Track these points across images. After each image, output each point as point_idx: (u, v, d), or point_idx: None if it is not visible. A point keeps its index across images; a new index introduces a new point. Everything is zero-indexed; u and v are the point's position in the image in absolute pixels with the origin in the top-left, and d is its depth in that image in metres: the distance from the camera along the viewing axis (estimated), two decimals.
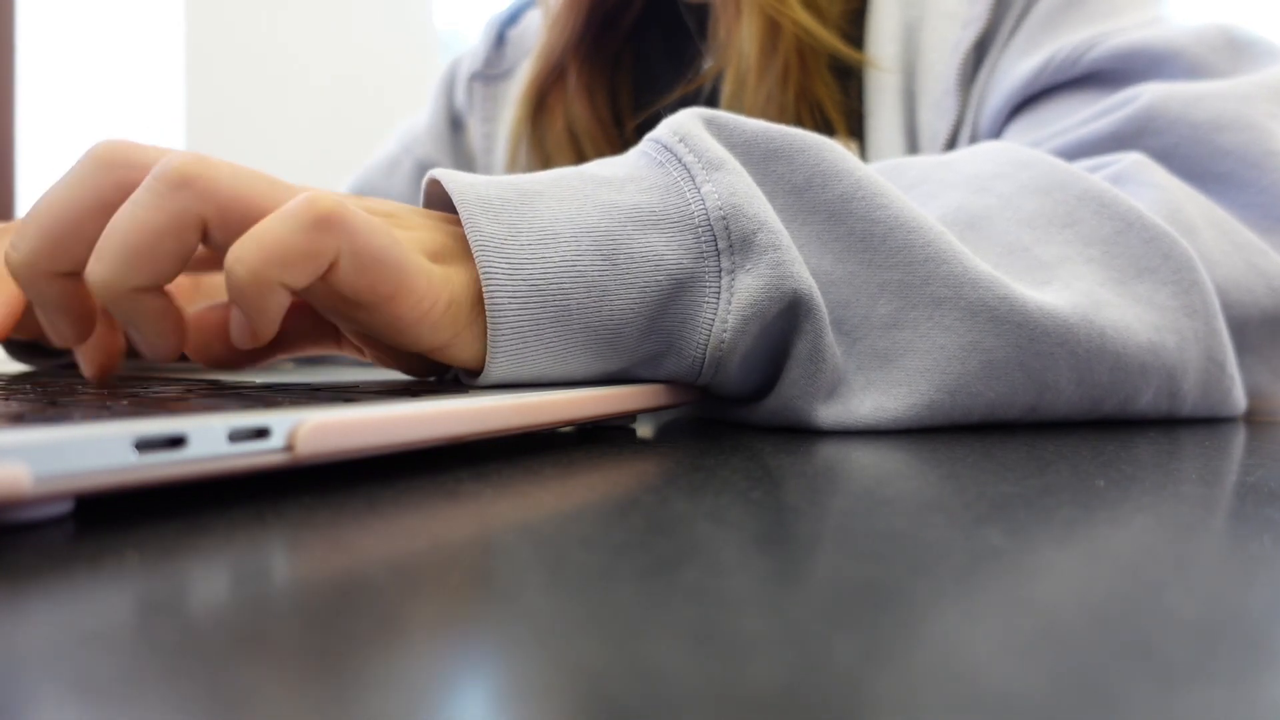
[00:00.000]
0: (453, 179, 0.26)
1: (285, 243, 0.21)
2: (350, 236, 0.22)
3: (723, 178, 0.27)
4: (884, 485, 0.19)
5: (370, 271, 0.22)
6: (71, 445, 0.13)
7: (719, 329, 0.27)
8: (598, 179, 0.27)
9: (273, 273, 0.21)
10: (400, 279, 0.23)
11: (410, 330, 0.24)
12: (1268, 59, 0.43)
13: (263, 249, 0.21)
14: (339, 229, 0.21)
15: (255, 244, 0.21)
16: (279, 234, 0.21)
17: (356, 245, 0.22)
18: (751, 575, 0.12)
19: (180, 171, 0.21)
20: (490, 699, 0.08)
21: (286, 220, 0.21)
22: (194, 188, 0.21)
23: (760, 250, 0.26)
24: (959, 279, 0.28)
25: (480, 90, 0.69)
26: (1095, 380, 0.31)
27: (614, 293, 0.26)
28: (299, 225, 0.21)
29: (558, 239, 0.25)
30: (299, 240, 0.21)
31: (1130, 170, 0.38)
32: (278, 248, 0.21)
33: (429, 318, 0.24)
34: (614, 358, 0.27)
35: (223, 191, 0.22)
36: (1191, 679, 0.09)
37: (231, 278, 0.21)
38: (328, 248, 0.21)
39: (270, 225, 0.21)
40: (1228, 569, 0.13)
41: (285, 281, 0.21)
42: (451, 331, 0.24)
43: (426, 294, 0.23)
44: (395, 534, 0.14)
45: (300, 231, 0.21)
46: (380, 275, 0.22)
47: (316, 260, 0.21)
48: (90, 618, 0.10)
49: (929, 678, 0.09)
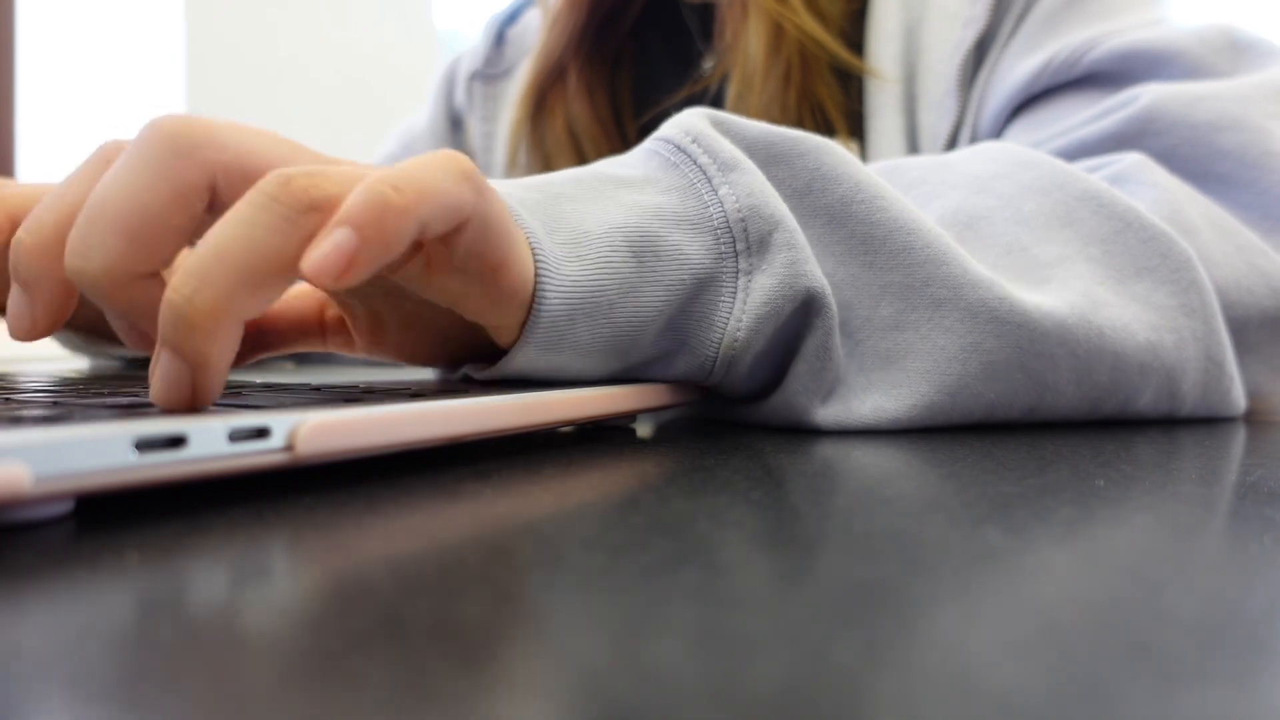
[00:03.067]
0: None
1: (439, 184, 0.20)
2: (486, 200, 0.21)
3: (739, 178, 0.27)
4: (884, 485, 0.19)
5: (493, 237, 0.22)
6: (71, 445, 0.13)
7: (733, 328, 0.27)
8: (616, 179, 0.27)
9: (424, 209, 0.19)
10: (510, 250, 0.22)
11: (503, 303, 0.23)
12: (1268, 59, 0.43)
13: (421, 185, 0.19)
14: (478, 188, 0.21)
15: (412, 178, 0.19)
16: (435, 176, 0.20)
17: (489, 208, 0.21)
18: (751, 575, 0.12)
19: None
20: (490, 699, 0.08)
21: (439, 167, 0.20)
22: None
23: (776, 250, 0.27)
24: (958, 280, 0.28)
25: (480, 89, 0.69)
26: (1095, 380, 0.31)
27: (642, 290, 0.26)
28: (451, 174, 0.20)
29: (590, 236, 0.25)
30: (450, 186, 0.20)
31: (1130, 170, 0.38)
32: (435, 188, 0.19)
33: (518, 295, 0.23)
34: (632, 354, 0.27)
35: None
36: (1191, 679, 0.09)
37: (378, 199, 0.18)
38: (469, 203, 0.21)
39: (423, 167, 0.20)
40: (1228, 569, 0.13)
41: (427, 222, 0.19)
42: (521, 312, 0.24)
43: (524, 269, 0.23)
44: (395, 534, 0.14)
45: (453, 179, 0.20)
46: (499, 243, 0.22)
47: (458, 211, 0.20)
48: (90, 618, 0.10)
49: (929, 678, 0.09)
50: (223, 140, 0.20)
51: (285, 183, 0.18)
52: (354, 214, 0.18)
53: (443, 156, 0.20)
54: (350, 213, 0.18)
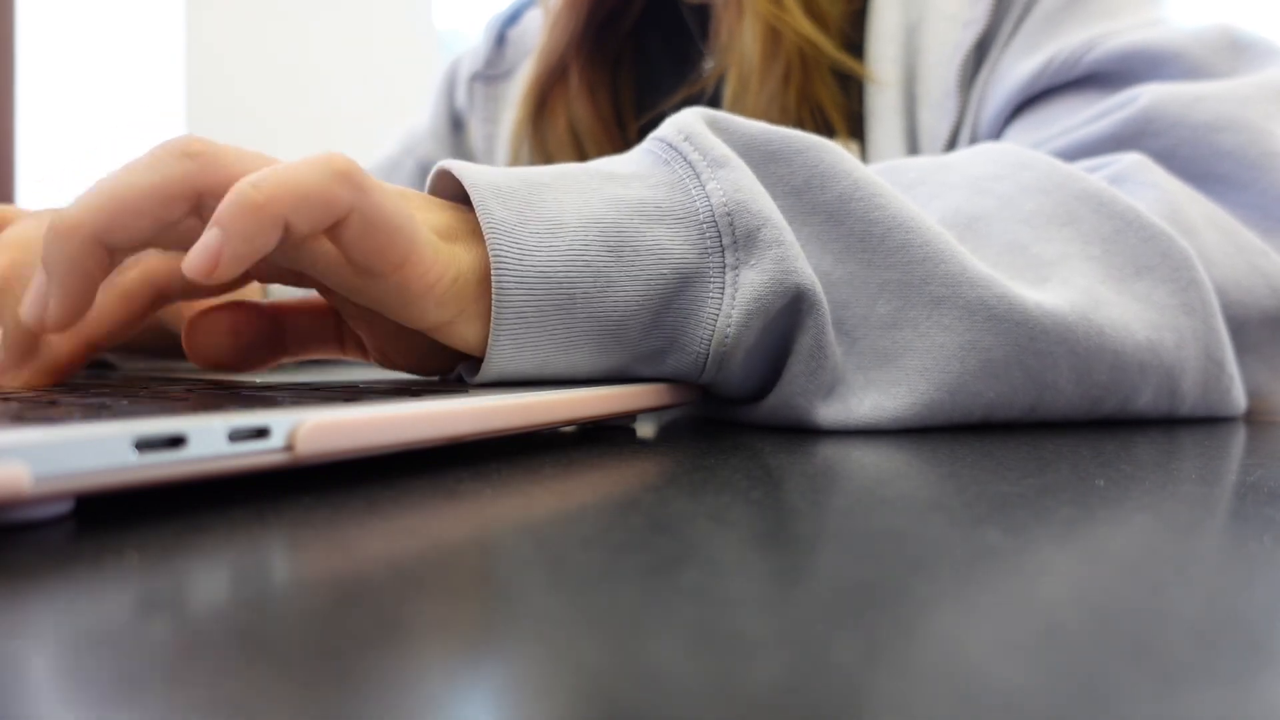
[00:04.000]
0: (463, 167, 0.26)
1: (304, 182, 0.21)
2: (364, 195, 0.22)
3: (727, 175, 0.27)
4: (884, 485, 0.19)
5: (380, 234, 0.22)
6: (71, 445, 0.13)
7: (723, 324, 0.27)
8: (603, 173, 0.28)
9: (282, 206, 0.21)
10: (409, 247, 0.23)
11: (416, 303, 0.24)
12: (1268, 59, 0.43)
13: (281, 182, 0.21)
14: (356, 185, 0.22)
15: (274, 175, 0.21)
16: (299, 173, 0.21)
17: (369, 204, 0.22)
18: (751, 575, 0.12)
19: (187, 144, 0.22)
20: (490, 699, 0.08)
21: (307, 165, 0.21)
22: (199, 160, 0.22)
23: (764, 246, 0.27)
24: (957, 278, 0.28)
25: (481, 90, 0.69)
26: (1094, 379, 0.31)
27: (619, 284, 0.26)
28: (320, 171, 0.21)
29: (565, 228, 0.25)
30: (317, 184, 0.21)
31: (1130, 170, 0.38)
32: (296, 184, 0.21)
33: (435, 291, 0.24)
34: (617, 351, 0.27)
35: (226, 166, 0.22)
36: (1191, 679, 0.09)
37: (238, 198, 0.20)
38: (342, 199, 0.22)
39: (291, 166, 0.21)
40: (1228, 569, 0.13)
41: (292, 220, 0.21)
42: (456, 309, 0.25)
43: (433, 266, 0.24)
44: (395, 534, 0.14)
45: (320, 176, 0.21)
46: (389, 240, 0.23)
47: (328, 208, 0.21)
48: (90, 618, 0.10)
49: (929, 678, 0.09)
50: (218, 157, 0.22)
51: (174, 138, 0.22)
52: (221, 214, 0.20)
53: (318, 157, 0.22)
54: (219, 214, 0.20)
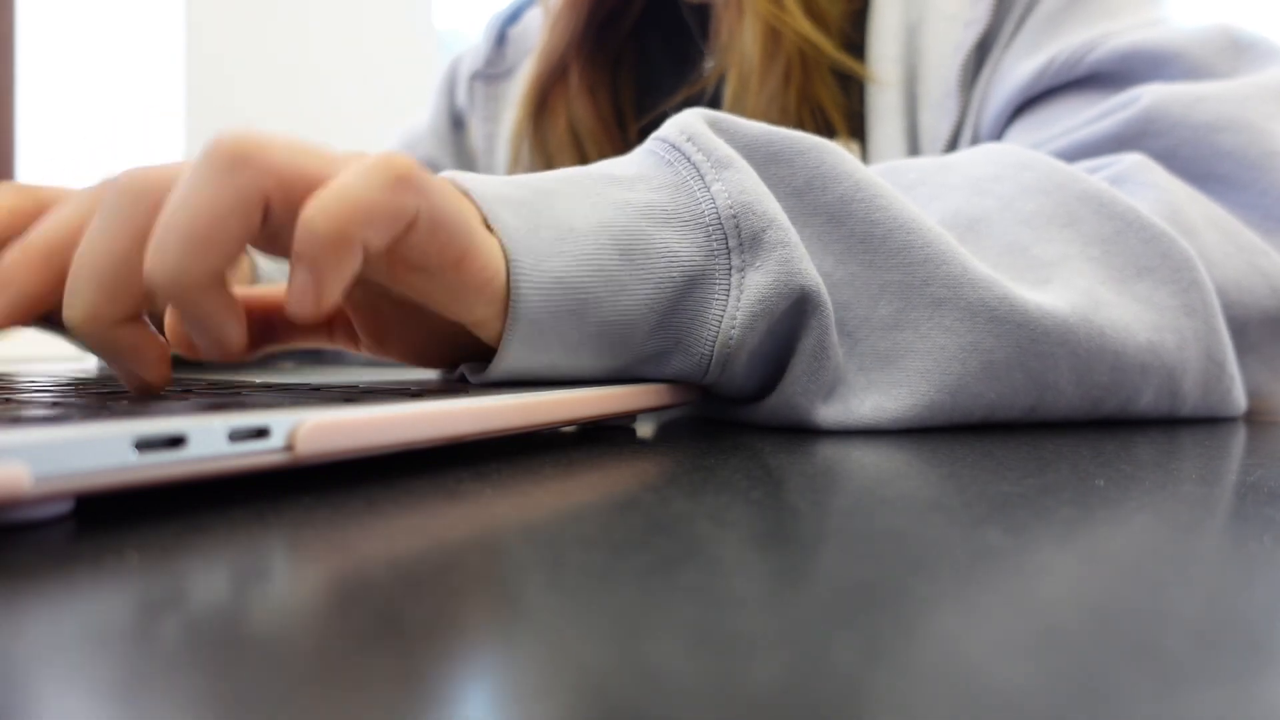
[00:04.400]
0: (467, 178, 0.26)
1: (370, 198, 0.20)
2: (427, 197, 0.21)
3: (731, 176, 0.27)
4: (884, 485, 0.19)
5: (444, 233, 0.22)
6: (71, 445, 0.13)
7: (727, 326, 0.27)
8: (607, 177, 0.28)
9: (356, 229, 0.20)
10: (469, 243, 0.23)
11: (469, 297, 0.24)
12: (1269, 60, 0.43)
13: (346, 203, 0.20)
14: (417, 188, 0.21)
15: (338, 199, 0.20)
16: (363, 190, 0.20)
17: (434, 205, 0.22)
18: (751, 575, 0.12)
19: (233, 149, 0.20)
20: (490, 699, 0.08)
21: (369, 176, 0.20)
22: (253, 164, 0.20)
23: (769, 247, 0.27)
24: (958, 280, 0.28)
25: (481, 89, 0.69)
26: (1095, 380, 0.31)
27: (630, 288, 0.26)
28: (382, 182, 0.20)
29: (575, 233, 0.25)
30: (383, 197, 0.20)
31: (1131, 171, 0.38)
32: (363, 203, 0.20)
33: (489, 287, 0.24)
34: (624, 353, 0.27)
35: (282, 165, 0.20)
36: (1191, 679, 0.09)
37: (309, 234, 0.19)
38: (409, 205, 0.21)
39: (352, 181, 0.20)
40: (1228, 569, 0.13)
41: (368, 238, 0.20)
42: (497, 305, 0.24)
43: (490, 262, 0.24)
44: (395, 534, 0.14)
45: (384, 188, 0.20)
46: (452, 238, 0.22)
47: (399, 218, 0.21)
48: (90, 618, 0.10)
49: (929, 678, 0.09)
50: (271, 154, 0.20)
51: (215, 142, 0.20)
52: (300, 252, 0.19)
53: (377, 165, 0.20)
54: (299, 251, 0.19)
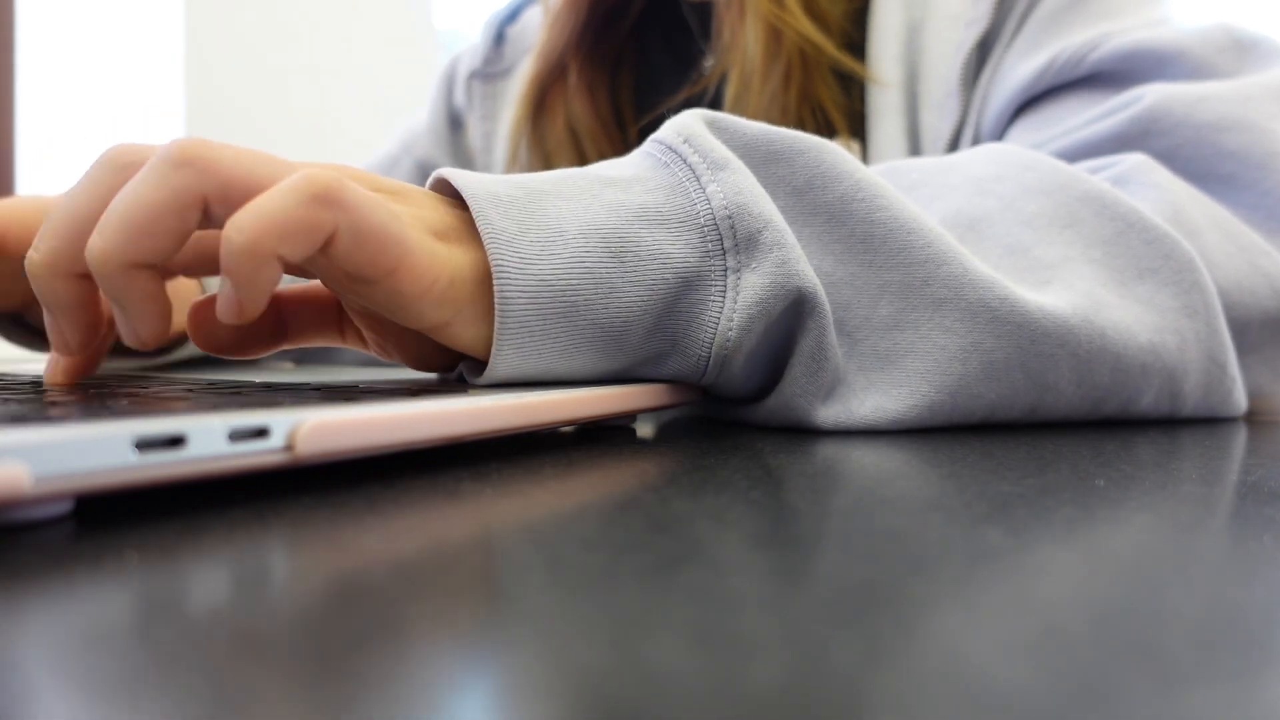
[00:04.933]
0: (461, 176, 0.26)
1: (283, 214, 0.21)
2: (348, 211, 0.22)
3: (727, 177, 0.27)
4: (884, 485, 0.19)
5: (368, 246, 0.22)
6: (71, 445, 0.13)
7: (724, 327, 0.27)
8: (603, 179, 0.27)
9: (269, 243, 0.21)
10: (400, 254, 0.23)
11: (411, 306, 0.24)
12: (1272, 59, 0.43)
13: (260, 219, 0.21)
14: (337, 204, 0.22)
15: (253, 214, 0.21)
16: (277, 205, 0.21)
17: (354, 219, 0.22)
18: (751, 575, 0.12)
19: (183, 151, 0.22)
20: (490, 699, 0.08)
21: (285, 194, 0.21)
22: (196, 166, 0.22)
23: (766, 249, 0.27)
24: (959, 280, 0.28)
25: (480, 89, 0.69)
26: (1096, 381, 0.31)
27: (621, 290, 0.26)
28: (298, 199, 0.21)
29: (566, 236, 0.25)
30: (297, 213, 0.21)
31: (1133, 171, 0.38)
32: (276, 218, 0.21)
33: (430, 294, 0.24)
34: (619, 356, 0.27)
35: (224, 169, 0.22)
36: (1191, 679, 0.09)
37: (228, 246, 0.21)
38: (325, 221, 0.22)
39: (269, 197, 0.21)
40: (1228, 568, 0.13)
41: (281, 253, 0.21)
42: (453, 310, 0.25)
43: (428, 270, 0.24)
44: (395, 534, 0.14)
45: (299, 205, 0.21)
46: (379, 250, 0.23)
47: (313, 233, 0.22)
48: (90, 618, 0.10)
49: (929, 678, 0.09)
50: (217, 160, 0.22)
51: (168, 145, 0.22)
52: (226, 264, 0.21)
53: (295, 181, 0.21)
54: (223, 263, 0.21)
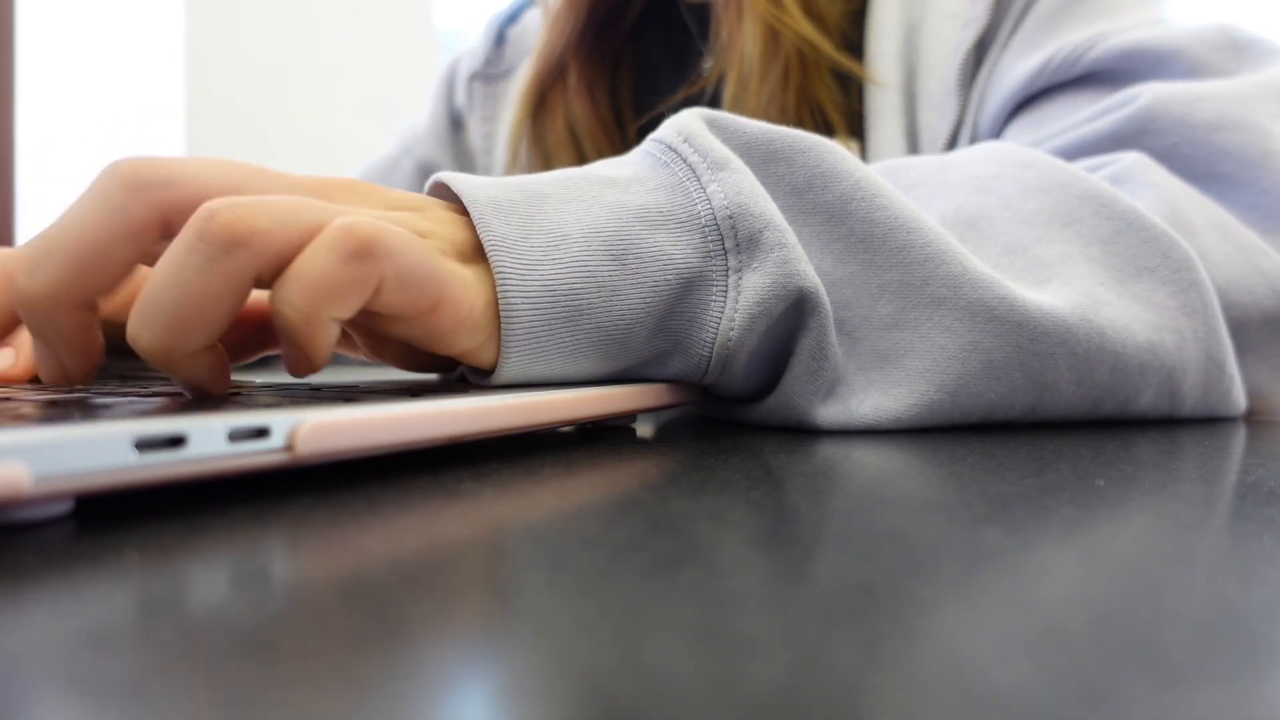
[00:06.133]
0: (462, 181, 0.26)
1: (330, 278, 0.20)
2: (392, 260, 0.21)
3: (728, 177, 0.27)
4: (884, 485, 0.19)
5: (413, 289, 0.22)
6: (71, 445, 0.13)
7: (726, 327, 0.27)
8: (603, 179, 0.27)
9: (322, 309, 0.20)
10: (441, 291, 0.22)
11: (448, 337, 0.23)
12: (1269, 59, 0.43)
13: (308, 287, 0.20)
14: (380, 254, 0.21)
15: (299, 283, 0.20)
16: (322, 269, 0.20)
17: (399, 266, 0.21)
18: (751, 575, 0.12)
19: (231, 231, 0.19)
20: (490, 699, 0.08)
21: (326, 253, 0.20)
22: (249, 247, 0.20)
23: (767, 248, 0.27)
24: (958, 279, 0.28)
25: (480, 89, 0.69)
26: (1095, 380, 0.31)
27: (624, 292, 0.26)
28: (340, 257, 0.20)
29: (567, 240, 0.25)
30: (343, 273, 0.20)
31: (1130, 170, 0.38)
32: (323, 284, 0.20)
33: (465, 325, 0.24)
34: (622, 357, 0.27)
35: (275, 244, 0.20)
36: (1191, 679, 0.09)
37: (281, 319, 0.20)
38: (371, 275, 0.21)
39: (312, 261, 0.20)
40: (1228, 568, 0.13)
41: (335, 315, 0.21)
42: (486, 334, 0.24)
43: (464, 301, 0.23)
44: (395, 534, 0.14)
45: (343, 264, 0.20)
46: (422, 291, 0.22)
47: (362, 290, 0.21)
48: (90, 618, 0.10)
49: (929, 678, 0.09)
50: (174, 177, 0.21)
51: (209, 219, 0.19)
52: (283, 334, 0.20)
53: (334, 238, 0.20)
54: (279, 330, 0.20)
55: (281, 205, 0.21)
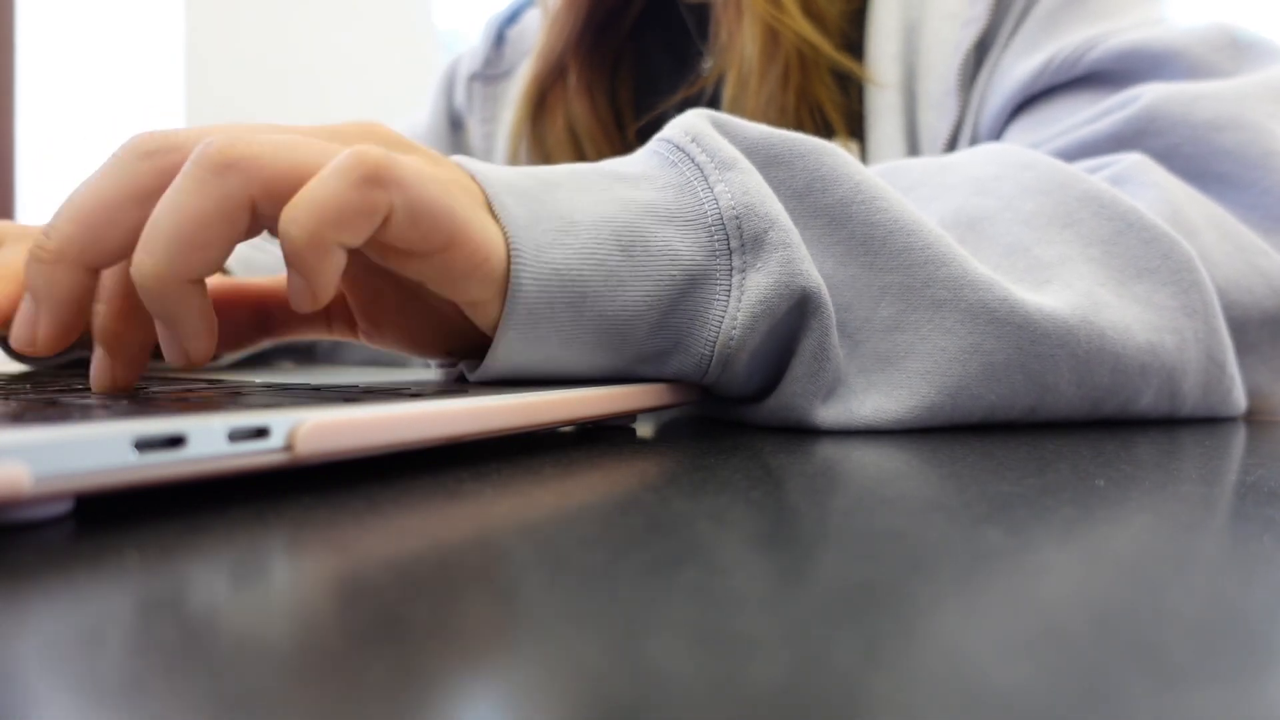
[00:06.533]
0: (475, 163, 0.26)
1: (338, 201, 0.20)
2: (403, 189, 0.21)
3: (735, 177, 0.27)
4: (884, 485, 0.19)
5: (424, 223, 0.22)
6: (71, 445, 0.13)
7: (728, 326, 0.27)
8: (613, 174, 0.28)
9: (328, 233, 0.20)
10: (454, 230, 0.23)
11: (461, 281, 0.24)
12: (1269, 59, 0.43)
13: (315, 210, 0.20)
14: (390, 181, 0.21)
15: (307, 205, 0.20)
16: (330, 193, 0.20)
17: (409, 197, 0.21)
18: (751, 575, 0.12)
19: (223, 154, 0.21)
20: (491, 699, 0.08)
21: (337, 178, 0.20)
22: (239, 168, 0.21)
23: (771, 248, 0.27)
24: (959, 281, 0.28)
25: (480, 90, 0.69)
26: (1095, 381, 0.31)
27: (629, 283, 0.26)
28: (350, 182, 0.20)
29: (577, 226, 0.25)
30: (351, 197, 0.20)
31: (1131, 171, 0.38)
32: (331, 207, 0.20)
33: (481, 270, 0.24)
34: (623, 351, 0.27)
35: (268, 166, 0.21)
36: (1191, 679, 0.09)
37: (287, 241, 0.20)
38: (380, 202, 0.21)
39: (322, 185, 0.20)
40: (1228, 568, 0.13)
41: (342, 240, 0.21)
42: (493, 288, 0.24)
43: (481, 245, 0.23)
44: (395, 534, 0.14)
45: (352, 188, 0.20)
46: (434, 226, 0.22)
47: (371, 216, 0.21)
48: (90, 618, 0.10)
49: (929, 678, 0.09)
50: (258, 157, 0.21)
51: (205, 146, 0.21)
52: (289, 258, 0.21)
53: (345, 164, 0.21)
54: (286, 256, 0.21)
55: (281, 138, 0.22)
